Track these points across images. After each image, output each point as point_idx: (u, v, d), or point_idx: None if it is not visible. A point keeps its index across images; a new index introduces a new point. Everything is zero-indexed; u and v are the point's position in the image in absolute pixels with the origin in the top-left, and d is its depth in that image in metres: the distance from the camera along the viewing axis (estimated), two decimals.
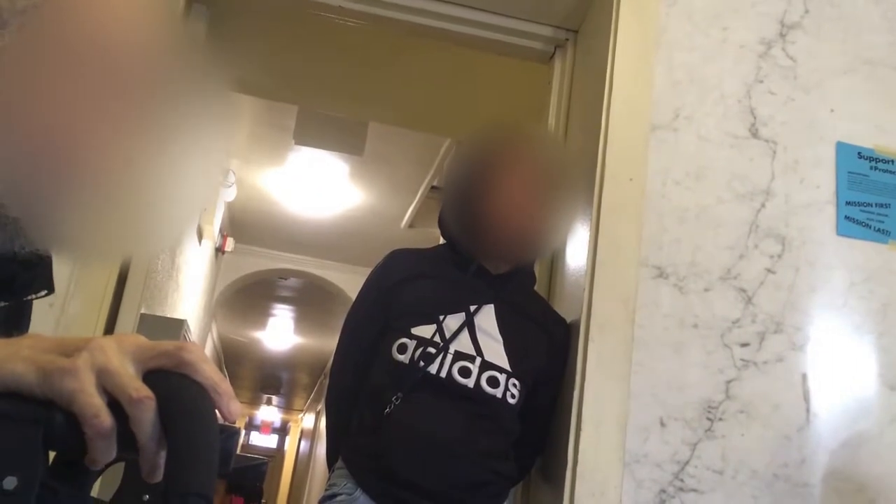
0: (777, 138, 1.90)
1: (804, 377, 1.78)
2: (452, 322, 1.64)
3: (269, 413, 18.14)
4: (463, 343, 1.63)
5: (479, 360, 1.62)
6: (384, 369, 1.64)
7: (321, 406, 10.82)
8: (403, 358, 1.62)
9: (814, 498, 1.71)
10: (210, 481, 0.51)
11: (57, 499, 0.54)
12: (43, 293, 0.74)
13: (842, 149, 1.91)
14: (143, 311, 3.70)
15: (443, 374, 1.60)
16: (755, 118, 1.91)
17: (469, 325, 1.65)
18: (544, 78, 2.33)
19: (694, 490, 1.68)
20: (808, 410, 1.76)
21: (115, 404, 0.53)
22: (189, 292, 5.28)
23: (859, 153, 1.91)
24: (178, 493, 0.50)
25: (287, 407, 17.68)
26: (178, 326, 4.00)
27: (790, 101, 1.93)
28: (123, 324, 2.04)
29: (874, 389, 1.80)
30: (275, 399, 16.92)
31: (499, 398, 1.61)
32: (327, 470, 1.74)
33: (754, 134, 1.90)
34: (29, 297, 0.75)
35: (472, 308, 1.66)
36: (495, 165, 1.72)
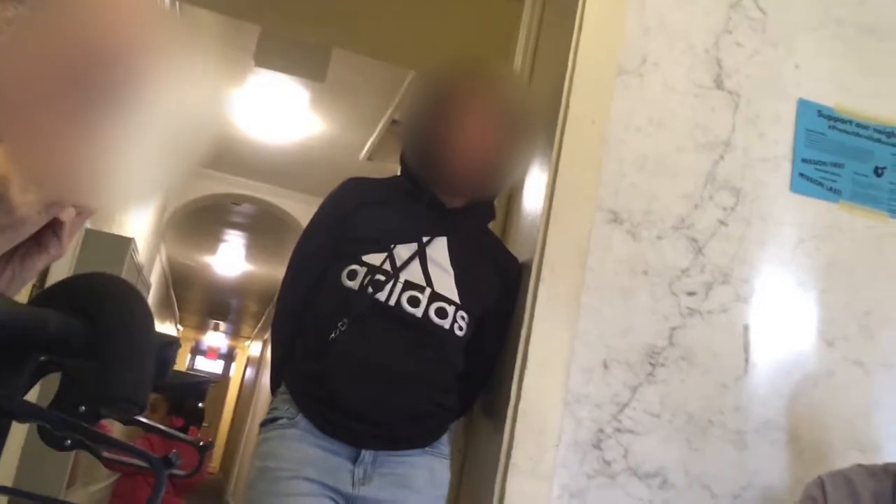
0: (741, 91, 1.90)
1: (746, 328, 1.81)
2: (403, 251, 1.63)
3: (215, 339, 18.10)
4: (413, 273, 1.62)
5: (428, 290, 1.62)
6: (332, 295, 1.63)
7: (268, 335, 10.82)
8: (352, 284, 1.61)
9: (746, 445, 1.76)
10: (142, 387, 0.49)
11: None
12: None
13: (802, 106, 1.92)
14: (87, 226, 3.62)
15: (391, 302, 1.59)
16: (721, 69, 1.90)
17: (420, 255, 1.64)
18: (514, 14, 2.28)
19: (631, 431, 1.72)
20: (746, 361, 1.80)
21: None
22: (138, 211, 5.18)
23: (819, 111, 1.92)
24: (107, 397, 0.48)
25: (234, 334, 17.66)
26: (125, 244, 3.94)
27: (756, 54, 1.93)
28: None
29: (812, 344, 1.84)
30: (222, 325, 16.87)
31: (446, 329, 1.62)
32: (271, 396, 1.73)
33: (719, 85, 1.89)
34: None
35: (425, 239, 1.66)
36: (455, 99, 1.70)
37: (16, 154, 0.63)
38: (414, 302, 1.60)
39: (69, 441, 0.56)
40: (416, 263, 1.63)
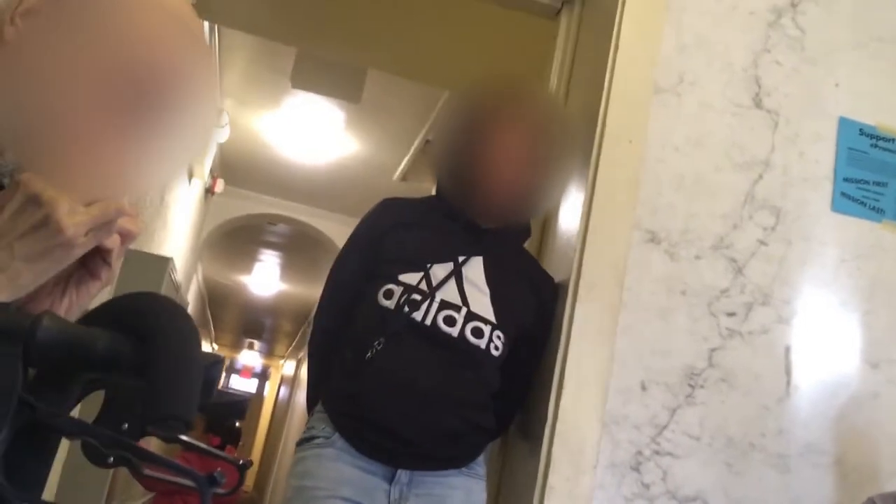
0: (780, 109, 1.88)
1: (788, 350, 1.78)
2: (440, 271, 1.63)
3: (250, 357, 18.22)
4: (449, 292, 1.62)
5: (464, 310, 1.61)
6: (369, 314, 1.63)
7: (302, 353, 10.88)
8: (389, 304, 1.61)
9: (788, 468, 1.73)
10: (191, 405, 0.50)
11: (35, 415, 0.54)
12: None
13: (844, 124, 1.89)
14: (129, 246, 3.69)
15: (427, 321, 1.59)
16: (760, 87, 1.88)
17: (456, 274, 1.64)
18: (550, 34, 2.29)
19: (670, 454, 1.70)
20: (788, 383, 1.77)
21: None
22: (176, 231, 5.25)
23: (861, 130, 1.89)
24: (157, 415, 0.49)
25: (268, 353, 17.76)
26: (163, 264, 3.99)
27: (796, 72, 1.91)
28: None
29: (856, 366, 1.81)
30: (257, 344, 16.98)
31: (482, 349, 1.61)
32: (307, 414, 1.74)
33: (757, 104, 1.88)
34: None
35: (461, 259, 1.65)
36: (490, 120, 1.68)
37: (63, 176, 0.65)
38: (450, 321, 1.60)
39: (112, 458, 0.57)
40: (452, 283, 1.63)
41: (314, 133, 5.47)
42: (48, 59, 0.70)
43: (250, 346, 17.34)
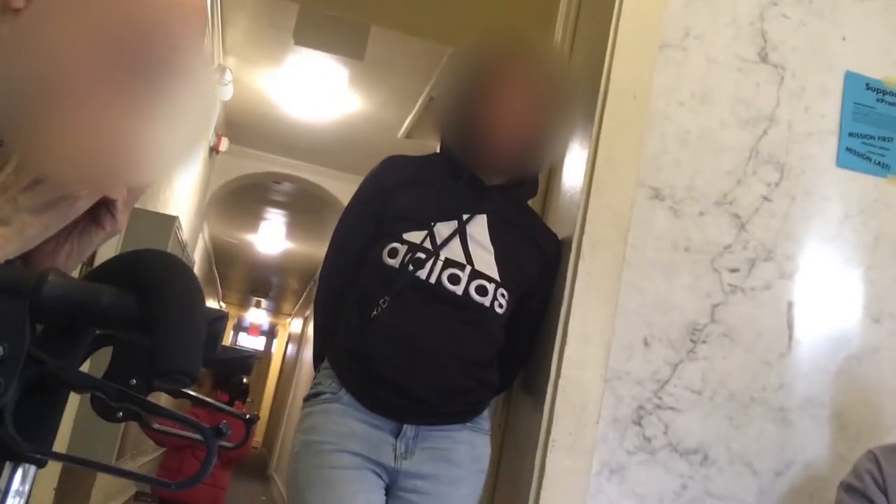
0: (786, 64, 1.87)
1: (790, 305, 1.79)
2: (444, 229, 1.64)
3: (257, 316, 18.34)
4: (454, 250, 1.63)
5: (468, 268, 1.62)
6: (373, 273, 1.64)
7: (309, 312, 10.94)
8: (393, 262, 1.62)
9: (788, 422, 1.75)
10: (196, 360, 0.51)
11: (44, 369, 0.55)
12: None
13: (850, 78, 1.87)
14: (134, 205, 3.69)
15: (432, 279, 1.60)
16: (766, 42, 1.86)
17: (461, 233, 1.64)
18: None
19: (671, 408, 1.72)
20: (790, 338, 1.78)
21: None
22: (181, 190, 5.26)
23: (867, 84, 1.88)
24: (162, 369, 0.50)
25: (276, 311, 17.87)
26: (169, 223, 4.01)
27: (803, 25, 1.89)
28: None
29: (857, 321, 1.82)
30: (264, 302, 17.08)
31: (486, 307, 1.62)
32: (314, 371, 1.76)
33: (763, 58, 1.86)
34: None
35: (465, 217, 1.66)
36: (494, 75, 1.69)
37: (64, 131, 0.65)
38: (454, 280, 1.61)
39: (121, 412, 0.58)
40: (456, 241, 1.63)
41: (318, 90, 5.44)
42: (49, 26, 0.70)
43: (258, 305, 17.45)
